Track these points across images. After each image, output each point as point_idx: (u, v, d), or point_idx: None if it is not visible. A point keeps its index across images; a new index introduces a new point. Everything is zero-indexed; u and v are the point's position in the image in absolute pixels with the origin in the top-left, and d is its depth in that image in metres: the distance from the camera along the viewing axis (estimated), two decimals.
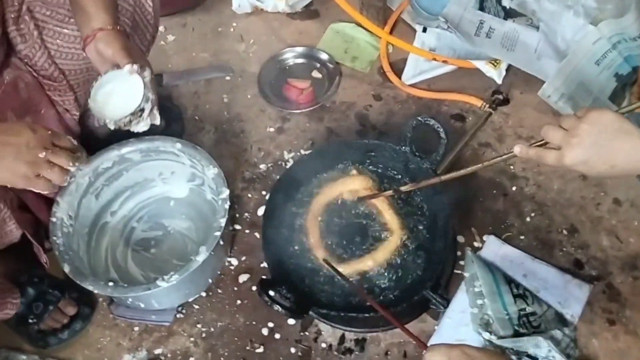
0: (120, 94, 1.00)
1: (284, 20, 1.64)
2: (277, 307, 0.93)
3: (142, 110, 0.99)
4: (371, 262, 1.08)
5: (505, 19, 1.46)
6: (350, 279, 1.05)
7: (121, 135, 1.22)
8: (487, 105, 1.36)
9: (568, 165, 0.79)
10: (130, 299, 1.14)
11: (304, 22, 1.63)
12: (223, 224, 1.10)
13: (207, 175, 1.18)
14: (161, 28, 1.64)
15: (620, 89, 1.35)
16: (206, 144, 1.42)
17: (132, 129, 1.02)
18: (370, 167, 1.17)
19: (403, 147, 1.12)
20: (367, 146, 1.16)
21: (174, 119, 1.43)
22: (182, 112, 1.47)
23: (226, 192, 1.14)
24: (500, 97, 1.37)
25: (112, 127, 1.01)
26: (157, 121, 1.02)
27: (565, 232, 1.22)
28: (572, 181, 1.28)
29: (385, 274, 1.09)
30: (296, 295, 0.96)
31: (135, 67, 0.98)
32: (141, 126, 1.01)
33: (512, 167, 1.31)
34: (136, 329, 1.19)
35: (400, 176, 1.16)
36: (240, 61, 1.57)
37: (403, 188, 1.07)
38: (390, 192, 1.10)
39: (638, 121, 0.79)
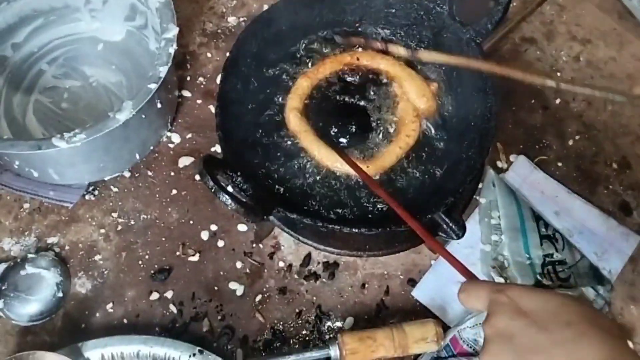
0: None
1: None
2: (225, 199, 0.60)
3: None
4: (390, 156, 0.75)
5: None
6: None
7: None
8: None
9: None
10: (16, 163, 0.80)
11: None
12: (163, 75, 0.76)
13: (151, 6, 0.82)
14: None
15: None
16: None
17: None
18: (386, 30, 0.82)
19: (439, 6, 0.78)
20: None
21: None
22: None
23: (174, 31, 0.79)
24: None
25: None
26: None
27: (614, 165, 0.94)
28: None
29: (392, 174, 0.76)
30: (256, 188, 0.65)
31: None
32: None
33: (559, 73, 1.00)
34: (26, 205, 0.86)
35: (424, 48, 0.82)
36: None
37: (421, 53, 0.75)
38: (403, 51, 0.77)
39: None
